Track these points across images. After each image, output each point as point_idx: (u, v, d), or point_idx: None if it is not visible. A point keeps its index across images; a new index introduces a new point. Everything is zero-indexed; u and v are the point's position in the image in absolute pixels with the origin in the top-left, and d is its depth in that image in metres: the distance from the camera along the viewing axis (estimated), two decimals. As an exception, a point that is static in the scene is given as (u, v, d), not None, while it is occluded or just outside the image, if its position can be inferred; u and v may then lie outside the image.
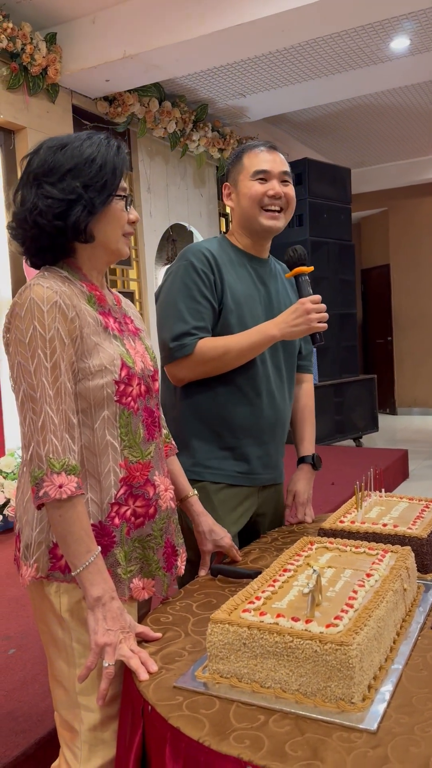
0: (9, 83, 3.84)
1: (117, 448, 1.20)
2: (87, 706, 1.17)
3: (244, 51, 4.13)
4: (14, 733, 1.72)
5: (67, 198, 1.15)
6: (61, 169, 1.16)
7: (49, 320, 1.11)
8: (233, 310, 1.65)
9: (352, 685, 0.95)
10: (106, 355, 1.18)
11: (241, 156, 1.73)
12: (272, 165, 1.68)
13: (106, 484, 1.19)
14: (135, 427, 1.23)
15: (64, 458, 1.09)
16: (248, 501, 1.74)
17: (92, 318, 1.19)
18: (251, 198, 1.67)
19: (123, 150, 1.22)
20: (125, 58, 3.97)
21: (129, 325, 1.32)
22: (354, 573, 1.24)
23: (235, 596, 1.13)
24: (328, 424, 6.13)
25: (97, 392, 1.17)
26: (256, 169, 1.67)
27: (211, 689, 1.02)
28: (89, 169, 1.16)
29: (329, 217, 6.44)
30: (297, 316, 1.57)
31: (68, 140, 1.19)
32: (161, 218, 5.44)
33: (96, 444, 1.18)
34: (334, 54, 4.73)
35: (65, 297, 1.14)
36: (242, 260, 1.74)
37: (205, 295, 1.63)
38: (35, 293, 1.12)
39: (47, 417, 1.09)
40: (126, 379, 1.20)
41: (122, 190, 1.22)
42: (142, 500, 1.23)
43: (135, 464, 1.22)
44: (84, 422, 1.17)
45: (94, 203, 1.16)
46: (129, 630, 1.12)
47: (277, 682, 1.00)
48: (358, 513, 1.63)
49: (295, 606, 1.10)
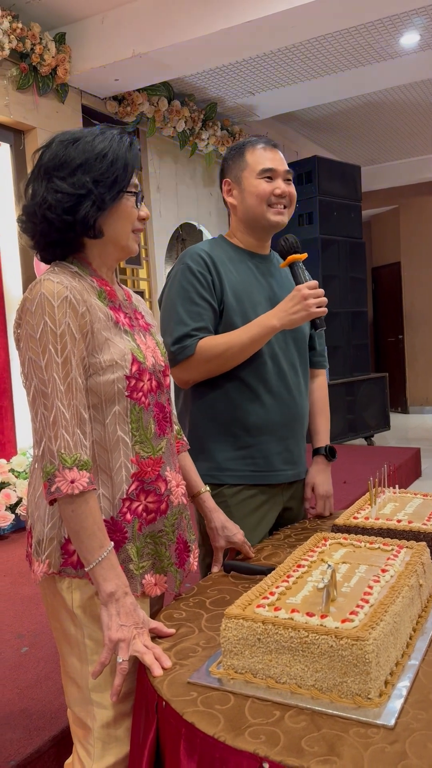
0: (19, 83, 3.85)
1: (128, 443, 1.19)
2: (100, 702, 1.16)
3: (253, 48, 4.12)
4: (28, 731, 1.72)
5: (77, 193, 1.14)
6: (72, 164, 1.15)
7: (59, 315, 1.11)
8: (235, 308, 1.65)
9: (369, 681, 0.94)
10: (116, 350, 1.17)
11: (242, 152, 1.72)
12: (277, 163, 1.69)
13: (118, 480, 1.18)
14: (146, 422, 1.22)
15: (76, 453, 1.08)
16: (272, 501, 1.73)
17: (103, 313, 1.18)
18: (259, 196, 1.67)
19: (135, 146, 1.21)
20: (134, 57, 3.97)
21: (140, 320, 1.32)
22: (369, 569, 1.22)
23: (249, 592, 1.12)
24: (340, 423, 6.10)
25: (108, 387, 1.16)
26: (263, 167, 1.67)
27: (225, 685, 1.01)
28: (100, 165, 1.15)
29: (339, 215, 6.42)
30: (295, 304, 1.56)
31: (81, 135, 1.19)
32: (171, 217, 5.44)
33: (107, 439, 1.18)
34: (343, 51, 4.71)
35: (75, 292, 1.14)
36: (242, 258, 1.73)
37: (204, 296, 1.63)
38: (45, 288, 1.12)
39: (58, 412, 1.09)
40: (137, 374, 1.20)
41: (133, 186, 1.21)
42: (153, 496, 1.23)
43: (146, 460, 1.21)
44: (95, 418, 1.17)
45: (103, 199, 1.16)
46: (143, 625, 1.11)
47: (292, 678, 0.99)
48: (372, 509, 1.62)
49: (309, 601, 1.09)
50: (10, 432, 4.11)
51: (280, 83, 5.25)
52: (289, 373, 1.72)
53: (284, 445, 1.71)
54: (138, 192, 1.22)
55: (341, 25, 3.93)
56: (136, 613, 1.11)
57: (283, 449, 1.71)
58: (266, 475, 1.70)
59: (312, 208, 6.24)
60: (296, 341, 1.76)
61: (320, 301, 1.56)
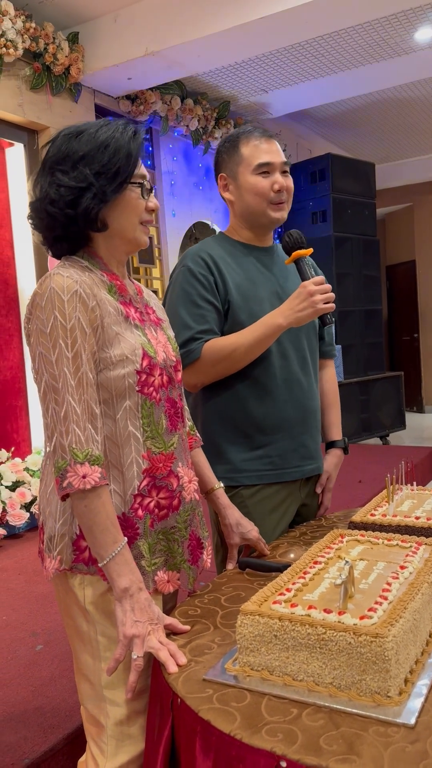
0: (32, 83, 3.85)
1: (139, 438, 1.18)
2: (113, 700, 1.15)
3: (266, 45, 4.10)
4: (42, 729, 1.71)
5: (78, 186, 1.13)
6: (74, 157, 1.14)
7: (69, 309, 1.10)
8: (241, 306, 1.62)
9: (388, 679, 0.92)
10: (127, 344, 1.16)
11: (237, 144, 1.66)
12: (274, 156, 1.63)
13: (129, 476, 1.17)
14: (157, 417, 1.21)
15: (87, 448, 1.07)
16: (290, 498, 1.71)
17: (113, 307, 1.17)
18: (257, 193, 1.63)
19: (140, 135, 1.19)
20: (147, 56, 3.96)
21: (151, 315, 1.31)
22: (387, 565, 1.20)
23: (265, 588, 1.10)
24: (354, 422, 6.06)
25: (119, 382, 1.15)
26: (259, 162, 1.62)
27: (241, 682, 0.99)
28: (102, 156, 1.14)
29: (353, 213, 6.38)
30: (301, 301, 1.52)
31: (85, 127, 1.18)
32: (184, 216, 5.43)
33: (118, 435, 1.16)
34: (357, 46, 4.67)
35: (85, 286, 1.13)
36: (245, 252, 1.70)
37: (206, 298, 1.60)
38: (55, 282, 1.11)
39: (69, 407, 1.08)
40: (147, 369, 1.18)
41: (139, 177, 1.19)
42: (165, 492, 1.21)
43: (158, 455, 1.20)
44: (106, 413, 1.16)
45: (105, 191, 1.14)
46: (157, 621, 1.10)
47: (309, 675, 0.97)
48: (390, 506, 1.60)
49: (327, 598, 1.07)
50: (25, 431, 4.12)
51: (293, 80, 5.22)
52: (300, 368, 1.69)
53: (299, 441, 1.69)
54: (143, 183, 1.20)
55: (354, 21, 3.90)
56: (151, 609, 1.09)
57: (299, 445, 1.69)
58: (283, 472, 1.68)
59: (325, 206, 6.21)
60: (308, 334, 1.73)
61: (327, 297, 1.52)
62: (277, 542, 1.62)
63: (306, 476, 1.73)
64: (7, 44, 3.52)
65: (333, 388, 1.92)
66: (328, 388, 1.90)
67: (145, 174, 1.22)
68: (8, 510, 3.51)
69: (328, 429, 1.90)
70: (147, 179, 1.22)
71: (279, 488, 1.68)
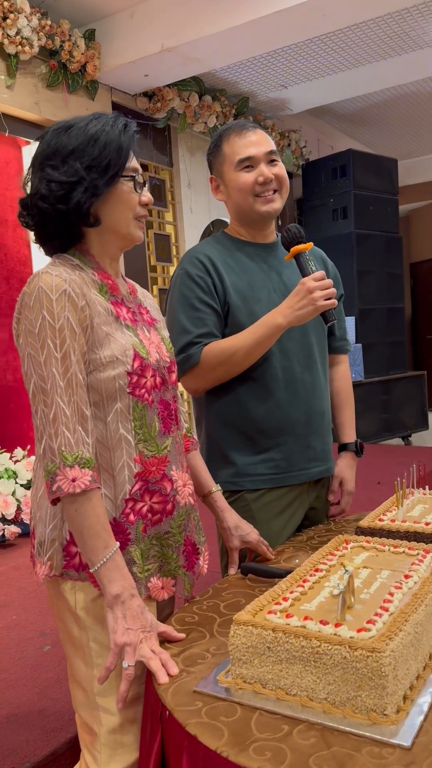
0: (48, 81, 3.85)
1: (131, 441, 1.15)
2: (106, 708, 1.12)
3: (284, 39, 4.04)
4: (45, 732, 1.69)
5: (69, 180, 1.11)
6: (63, 151, 1.12)
7: (58, 309, 1.07)
8: (241, 307, 1.57)
9: (385, 696, 0.87)
10: (117, 345, 1.13)
11: (219, 144, 1.62)
12: (256, 148, 1.57)
13: (120, 480, 1.14)
14: (150, 420, 1.18)
15: (77, 451, 1.05)
16: (297, 501, 1.67)
17: (103, 307, 1.14)
18: (241, 190, 1.58)
19: (131, 128, 1.17)
20: (163, 52, 3.93)
21: (144, 315, 1.27)
22: (391, 574, 1.15)
23: (261, 596, 1.06)
24: (375, 422, 5.97)
25: (109, 384, 1.12)
26: (240, 157, 1.57)
27: (233, 695, 0.96)
28: (92, 150, 1.12)
29: (375, 210, 6.29)
30: (300, 299, 1.46)
31: (75, 121, 1.15)
32: (202, 214, 5.39)
33: (109, 437, 1.13)
34: (378, 40, 4.59)
35: (75, 285, 1.10)
36: (245, 251, 1.65)
37: (205, 301, 1.56)
38: (43, 281, 1.09)
39: (59, 409, 1.05)
40: (139, 370, 1.15)
41: (131, 170, 1.17)
42: (159, 496, 1.18)
43: (150, 459, 1.17)
44: (96, 415, 1.13)
45: (96, 185, 1.12)
46: (150, 629, 1.06)
47: (303, 690, 0.93)
48: (399, 511, 1.54)
49: (325, 608, 1.03)
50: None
51: (313, 75, 5.15)
52: (304, 367, 1.64)
53: (306, 443, 1.64)
54: (135, 176, 1.17)
55: (375, 13, 3.82)
56: (144, 616, 1.06)
57: (305, 447, 1.64)
58: (289, 476, 1.63)
59: (347, 202, 6.13)
60: (315, 331, 1.67)
61: (328, 293, 1.46)
62: (283, 547, 1.57)
63: (314, 479, 1.68)
64: (22, 42, 3.52)
65: (345, 386, 1.87)
66: (340, 387, 1.85)
67: (138, 167, 1.19)
68: (23, 508, 3.51)
69: (339, 430, 1.84)
70: (140, 173, 1.19)
71: (285, 492, 1.63)
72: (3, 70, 3.60)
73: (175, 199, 5.18)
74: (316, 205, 6.41)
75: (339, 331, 1.82)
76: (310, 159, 6.58)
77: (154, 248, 4.96)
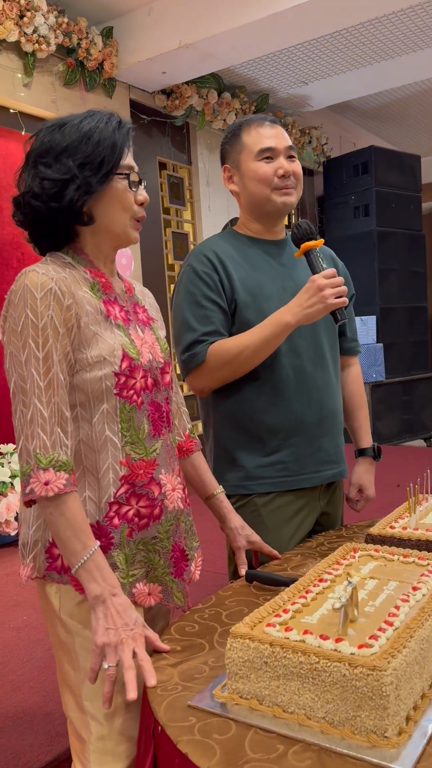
0: (65, 79, 3.84)
1: (117, 444, 1.12)
2: (94, 714, 1.09)
3: (303, 34, 3.98)
4: (49, 736, 1.68)
5: (62, 178, 1.09)
6: (57, 149, 1.10)
7: (42, 307, 1.05)
8: (249, 304, 1.53)
9: (386, 717, 0.83)
10: (105, 345, 1.11)
11: (239, 133, 1.59)
12: (277, 141, 1.55)
13: (105, 482, 1.11)
14: (138, 422, 1.15)
15: (53, 454, 1.03)
16: (309, 506, 1.62)
17: (91, 306, 1.12)
18: (260, 180, 1.54)
19: (125, 125, 1.14)
20: (180, 48, 3.90)
21: (139, 314, 1.24)
22: (399, 586, 1.11)
23: (261, 608, 1.02)
24: (396, 423, 5.88)
25: (95, 384, 1.10)
26: (261, 147, 1.54)
27: (228, 711, 0.92)
28: (85, 147, 1.09)
29: (397, 207, 6.20)
30: (310, 296, 1.41)
31: (69, 119, 1.14)
32: (220, 212, 5.36)
33: (94, 439, 1.11)
34: (400, 34, 4.51)
35: (62, 283, 1.08)
36: (255, 248, 1.61)
37: (211, 298, 1.52)
38: (29, 279, 1.06)
39: (36, 410, 1.03)
40: (127, 371, 1.12)
41: (125, 168, 1.14)
42: (146, 500, 1.15)
43: (138, 462, 1.14)
44: (82, 416, 1.11)
45: (89, 182, 1.09)
46: (134, 626, 1.03)
47: (301, 708, 0.89)
48: (412, 518, 1.49)
49: (326, 622, 0.98)
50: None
51: (334, 71, 5.09)
52: (316, 366, 1.59)
53: (317, 445, 1.59)
54: (129, 174, 1.14)
55: (397, 6, 3.75)
56: (127, 614, 1.03)
57: (317, 449, 1.59)
58: (299, 479, 1.58)
59: (368, 199, 6.05)
60: (326, 329, 1.62)
61: (338, 291, 1.41)
62: (291, 553, 1.53)
63: (326, 482, 1.63)
64: (39, 40, 3.51)
65: (358, 389, 1.82)
66: (352, 390, 1.80)
67: (133, 165, 1.16)
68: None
69: (356, 435, 1.80)
70: (135, 171, 1.16)
71: (295, 496, 1.59)
72: (20, 68, 3.60)
73: (193, 198, 5.15)
74: (337, 203, 6.33)
75: (350, 331, 1.77)
76: (332, 156, 6.51)
77: (172, 247, 4.94)
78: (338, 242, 6.16)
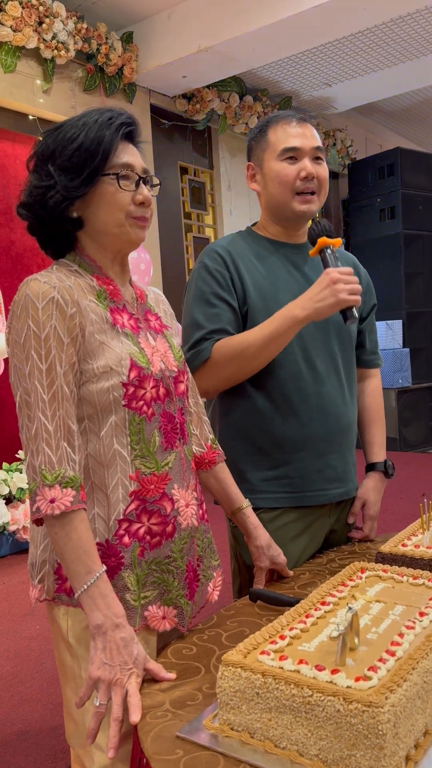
0: (85, 85, 3.84)
1: (126, 458, 1.07)
2: (97, 744, 1.05)
3: (324, 35, 3.92)
4: (53, 753, 1.64)
5: (44, 184, 1.06)
6: (45, 155, 1.08)
7: (44, 318, 1.01)
8: (260, 307, 1.46)
9: (383, 757, 0.77)
10: (112, 354, 1.06)
11: (265, 130, 1.51)
12: (303, 140, 1.46)
13: (114, 499, 1.06)
14: (149, 434, 1.09)
15: (59, 470, 0.98)
16: (316, 524, 1.55)
17: (96, 315, 1.07)
18: (281, 182, 1.47)
19: (116, 121, 1.08)
20: (200, 52, 3.88)
21: (151, 321, 1.19)
22: (405, 610, 1.04)
23: (257, 633, 0.97)
24: (423, 430, 5.76)
25: (103, 396, 1.05)
26: (285, 146, 1.46)
27: (218, 744, 0.87)
28: (66, 150, 1.06)
29: (425, 209, 6.09)
30: (322, 289, 1.33)
31: (66, 121, 1.10)
32: (242, 216, 5.31)
33: (102, 453, 1.06)
34: (425, 33, 4.41)
35: (65, 292, 1.04)
36: (271, 250, 1.54)
37: (221, 296, 1.46)
38: (31, 289, 1.03)
39: (40, 424, 0.99)
40: (136, 381, 1.07)
41: (119, 167, 1.08)
42: (157, 517, 1.09)
43: (149, 476, 1.09)
44: (90, 429, 1.06)
45: (68, 187, 1.05)
46: (132, 666, 0.98)
47: (293, 743, 0.83)
48: (425, 535, 1.42)
49: (325, 650, 0.93)
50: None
51: (358, 72, 5.01)
52: (329, 378, 1.51)
53: (325, 462, 1.52)
54: (119, 173, 1.09)
55: (422, 3, 3.67)
56: (127, 651, 0.98)
57: (324, 466, 1.52)
58: (305, 496, 1.51)
59: (394, 202, 5.95)
60: (340, 338, 1.55)
61: (352, 288, 1.33)
62: (300, 570, 1.47)
63: (333, 501, 1.56)
64: (58, 46, 3.52)
65: (376, 402, 1.72)
66: (369, 402, 1.71)
67: (131, 164, 1.10)
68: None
69: (368, 448, 1.70)
70: (132, 169, 1.10)
71: (303, 513, 1.52)
72: (39, 74, 3.60)
73: (215, 202, 5.12)
74: (362, 206, 6.24)
75: (370, 344, 1.69)
76: (358, 158, 6.42)
77: (193, 252, 4.91)
78: (363, 246, 6.07)
